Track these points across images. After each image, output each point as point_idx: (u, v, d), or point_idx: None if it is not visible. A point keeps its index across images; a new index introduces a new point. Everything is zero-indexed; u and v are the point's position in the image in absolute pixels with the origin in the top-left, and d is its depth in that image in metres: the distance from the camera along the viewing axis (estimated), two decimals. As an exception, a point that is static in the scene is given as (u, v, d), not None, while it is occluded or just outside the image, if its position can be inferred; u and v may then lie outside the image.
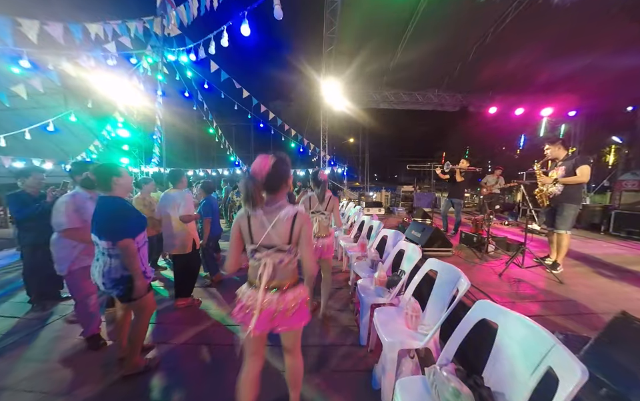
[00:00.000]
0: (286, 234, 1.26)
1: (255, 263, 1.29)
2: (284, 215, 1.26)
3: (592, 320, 1.96)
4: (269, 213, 1.27)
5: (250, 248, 1.29)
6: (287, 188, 1.34)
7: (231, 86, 6.09)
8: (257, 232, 1.27)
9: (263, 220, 1.26)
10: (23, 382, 1.92)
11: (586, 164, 2.90)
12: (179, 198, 2.90)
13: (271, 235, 1.25)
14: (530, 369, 1.03)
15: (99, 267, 1.84)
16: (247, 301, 1.29)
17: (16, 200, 2.82)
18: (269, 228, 1.25)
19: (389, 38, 6.68)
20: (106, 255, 1.82)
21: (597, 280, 2.88)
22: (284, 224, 1.26)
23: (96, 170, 1.87)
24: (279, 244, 1.26)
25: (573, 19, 5.70)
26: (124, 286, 1.85)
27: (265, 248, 1.27)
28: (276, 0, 2.40)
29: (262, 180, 1.25)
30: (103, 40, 3.14)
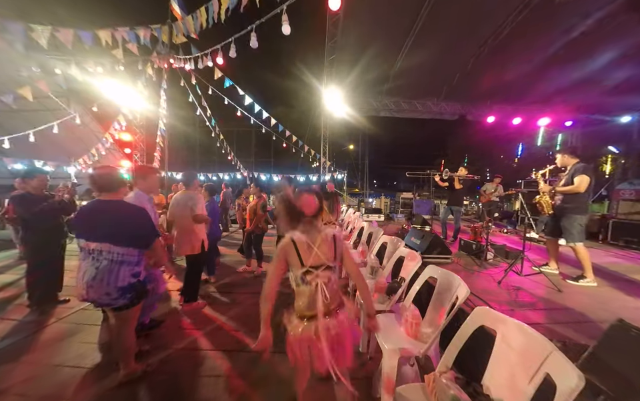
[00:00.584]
0: (331, 252, 1.33)
1: (306, 288, 1.29)
2: (326, 235, 1.34)
3: (590, 328, 1.97)
4: (310, 235, 1.33)
5: (300, 272, 1.30)
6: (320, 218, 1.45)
7: (234, 92, 6.20)
8: (304, 255, 1.30)
9: (308, 242, 1.32)
10: (19, 386, 1.90)
11: (583, 174, 2.91)
12: (193, 200, 2.98)
13: (318, 255, 1.30)
14: (528, 376, 1.05)
15: (100, 278, 1.67)
16: (303, 334, 1.27)
17: (22, 201, 2.84)
18: (315, 249, 1.30)
19: (390, 48, 6.84)
20: (114, 262, 1.69)
21: (595, 288, 2.89)
22: (328, 243, 1.34)
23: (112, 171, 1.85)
24: (326, 262, 1.31)
25: (569, 30, 5.87)
26: (132, 293, 1.76)
27: (314, 268, 1.29)
28: (284, 18, 2.49)
29: (310, 218, 1.35)
30: (109, 46, 3.24)
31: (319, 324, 1.25)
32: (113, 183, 1.80)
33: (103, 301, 1.73)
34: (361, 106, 9.50)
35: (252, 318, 2.87)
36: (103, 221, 1.73)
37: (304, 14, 2.73)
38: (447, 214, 5.48)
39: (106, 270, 1.68)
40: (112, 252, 1.69)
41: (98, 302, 1.74)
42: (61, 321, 2.80)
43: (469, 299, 2.36)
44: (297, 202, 1.34)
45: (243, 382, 1.96)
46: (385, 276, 2.71)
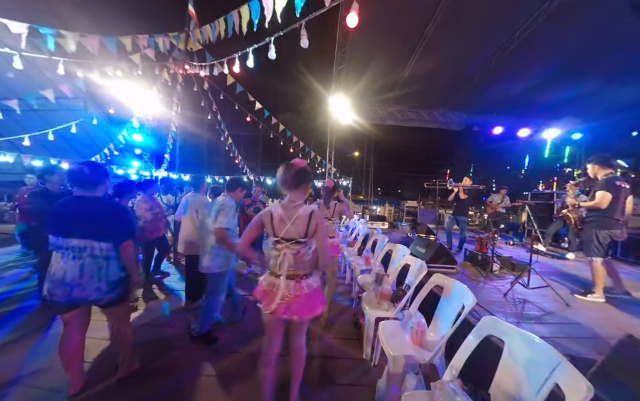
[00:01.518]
0: (303, 229, 1.46)
1: (276, 253, 1.49)
2: (302, 212, 1.47)
3: (598, 343, 1.95)
4: (288, 210, 1.49)
5: (272, 240, 1.50)
6: (305, 191, 1.57)
7: (244, 98, 6.36)
8: (278, 226, 1.47)
9: (283, 216, 1.47)
10: (28, 378, 1.95)
11: (603, 190, 2.82)
12: (200, 202, 3.07)
13: (290, 230, 1.45)
14: (536, 386, 1.06)
15: (88, 273, 1.65)
16: (268, 286, 1.49)
17: (41, 196, 2.95)
18: (288, 224, 1.45)
19: (397, 59, 6.95)
20: (100, 257, 1.69)
21: (604, 304, 2.84)
22: (302, 220, 1.46)
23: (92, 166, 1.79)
24: (297, 237, 1.46)
25: (578, 44, 5.90)
26: (121, 287, 1.77)
27: (285, 240, 1.46)
28: (303, 32, 2.59)
29: (295, 172, 1.50)
30: (130, 52, 3.41)
31: (280, 282, 1.45)
32: (94, 180, 1.73)
33: (91, 297, 1.68)
34: (367, 114, 9.60)
35: (256, 320, 2.89)
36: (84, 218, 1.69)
37: (317, 26, 2.82)
38: (452, 223, 5.46)
39: (93, 265, 1.66)
40: (96, 248, 1.67)
41: (87, 299, 1.68)
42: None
43: (474, 310, 2.35)
44: (290, 164, 1.51)
45: (244, 383, 1.98)
46: (389, 283, 2.72)
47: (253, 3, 2.47)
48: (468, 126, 10.12)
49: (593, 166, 3.04)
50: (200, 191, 3.22)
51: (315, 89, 9.13)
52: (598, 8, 4.93)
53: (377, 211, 11.68)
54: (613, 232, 2.86)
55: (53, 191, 3.02)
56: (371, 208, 12.50)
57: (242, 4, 2.59)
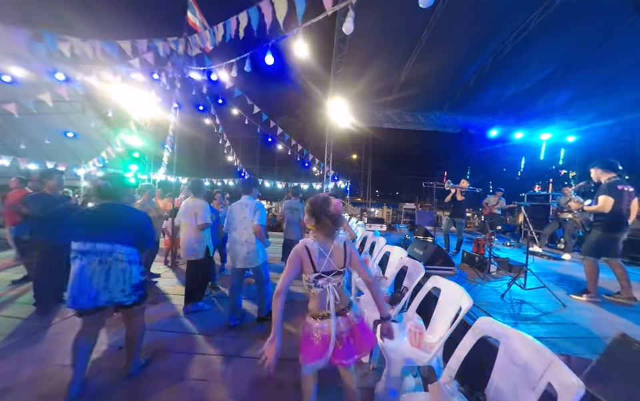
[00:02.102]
0: (341, 259, 1.44)
1: (318, 290, 1.42)
2: (338, 243, 1.46)
3: (594, 343, 1.97)
4: (323, 243, 1.45)
5: (313, 276, 1.41)
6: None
7: (242, 101, 6.40)
8: (317, 261, 1.41)
9: (320, 249, 1.43)
10: (25, 384, 1.92)
11: (606, 195, 2.87)
12: (200, 207, 3.08)
13: (330, 262, 1.42)
14: (530, 385, 1.07)
15: (115, 277, 1.75)
16: (317, 332, 1.39)
17: (37, 200, 2.93)
18: (327, 256, 1.41)
19: (394, 63, 7.05)
20: (125, 262, 1.80)
21: (599, 305, 2.88)
22: (339, 250, 1.45)
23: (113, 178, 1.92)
24: (337, 268, 1.43)
25: (570, 49, 6.03)
26: (143, 290, 1.92)
27: (325, 274, 1.41)
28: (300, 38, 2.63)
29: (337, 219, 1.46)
30: (128, 57, 3.43)
31: (331, 322, 1.36)
32: (118, 190, 1.89)
33: (117, 299, 1.79)
34: (365, 118, 9.69)
35: (254, 325, 2.89)
36: (114, 223, 1.82)
37: (313, 30, 2.86)
38: (450, 225, 5.50)
39: (119, 269, 1.77)
40: (121, 252, 1.79)
41: (113, 301, 1.78)
42: (65, 320, 2.83)
43: (471, 311, 2.37)
44: (327, 204, 1.44)
45: (244, 387, 1.97)
46: (387, 285, 2.73)
47: (252, 10, 2.52)
48: (464, 128, 10.26)
49: (596, 171, 3.09)
50: (199, 196, 3.21)
51: (313, 93, 9.21)
52: (592, 15, 5.05)
53: (375, 213, 11.72)
54: (621, 235, 2.90)
55: (51, 195, 3.00)
56: (369, 211, 12.54)
57: (240, 11, 2.63)
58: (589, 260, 2.97)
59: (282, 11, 2.38)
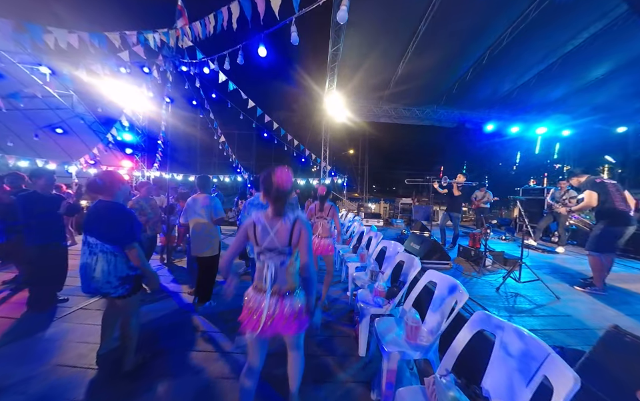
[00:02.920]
0: (285, 238, 1.41)
1: (259, 264, 1.44)
2: (286, 221, 1.42)
3: (587, 334, 2.00)
4: (271, 219, 1.44)
5: (256, 250, 1.45)
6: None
7: (237, 96, 6.28)
8: (260, 236, 1.42)
9: (266, 225, 1.43)
10: (20, 385, 1.89)
11: (587, 190, 3.02)
12: (210, 203, 3.04)
13: (273, 239, 1.41)
14: (526, 378, 1.08)
15: (100, 268, 1.84)
16: (253, 304, 1.42)
17: (28, 200, 2.85)
18: (271, 233, 1.41)
19: (391, 56, 6.97)
20: (109, 253, 1.88)
21: (592, 296, 2.93)
22: (285, 228, 1.42)
23: (103, 176, 1.97)
24: (280, 246, 1.40)
25: (566, 43, 6.02)
26: (130, 284, 1.95)
27: (268, 250, 1.41)
28: (293, 28, 2.56)
29: (284, 192, 1.41)
30: (117, 49, 3.30)
31: (264, 298, 1.38)
32: (107, 187, 1.94)
33: (104, 289, 1.88)
34: (362, 112, 9.62)
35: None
36: (97, 219, 1.92)
37: (309, 22, 2.80)
38: (446, 220, 5.53)
39: (104, 261, 1.86)
40: (95, 244, 1.87)
41: (100, 291, 1.89)
42: (60, 320, 2.80)
43: (467, 305, 2.39)
44: (268, 177, 1.42)
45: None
46: (384, 280, 2.74)
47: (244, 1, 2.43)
48: (461, 123, 10.26)
49: (576, 179, 3.29)
50: (207, 191, 3.18)
51: (309, 87, 9.09)
52: (587, 9, 5.03)
53: (372, 208, 11.74)
54: (627, 229, 2.90)
55: (43, 194, 2.92)
56: (366, 206, 12.56)
57: (232, 1, 2.54)
58: (593, 255, 3.01)
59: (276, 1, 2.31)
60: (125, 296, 1.95)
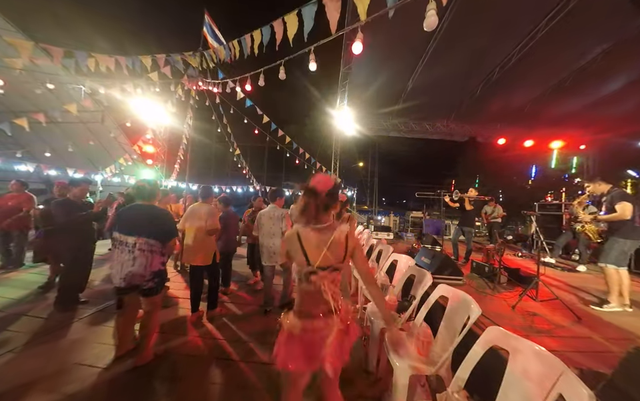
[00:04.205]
0: (341, 253, 1.24)
1: (309, 287, 1.21)
2: (339, 234, 1.23)
3: (608, 357, 1.91)
4: (321, 233, 1.23)
5: (305, 270, 1.21)
6: (334, 210, 1.34)
7: (252, 110, 6.62)
8: (312, 253, 1.21)
9: (317, 240, 1.22)
10: (46, 381, 2.02)
11: (624, 201, 2.91)
12: (208, 212, 3.11)
13: (327, 255, 1.21)
14: (541, 397, 1.07)
15: (138, 264, 2.11)
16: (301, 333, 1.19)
17: (62, 206, 3.11)
18: (325, 250, 1.21)
19: (401, 72, 7.16)
20: (147, 251, 2.14)
21: (615, 317, 2.77)
22: (340, 243, 1.24)
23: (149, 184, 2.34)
24: (335, 263, 1.23)
25: (578, 56, 5.98)
26: (160, 278, 2.23)
27: (321, 269, 1.20)
28: (311, 56, 2.77)
29: (323, 197, 1.23)
30: (149, 71, 3.67)
31: (319, 323, 1.19)
32: (148, 193, 2.30)
33: (135, 282, 2.12)
34: (372, 126, 9.77)
35: (258, 331, 2.93)
36: (141, 220, 2.20)
37: (323, 45, 3.00)
38: (458, 234, 5.43)
39: (143, 257, 2.12)
40: (146, 243, 2.14)
41: (132, 284, 2.12)
42: (81, 321, 2.94)
43: (481, 322, 2.34)
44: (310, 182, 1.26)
45: (246, 392, 2.00)
46: (395, 294, 2.73)
47: (265, 28, 2.67)
48: (472, 137, 10.17)
49: (597, 184, 3.15)
50: (207, 201, 3.27)
51: (320, 102, 9.41)
52: (600, 23, 5.02)
53: (382, 221, 11.63)
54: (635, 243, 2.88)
55: (75, 201, 3.19)
56: (375, 219, 12.47)
57: (254, 29, 2.80)
58: (611, 268, 2.92)
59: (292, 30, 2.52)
60: (155, 291, 2.20)
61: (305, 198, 1.23)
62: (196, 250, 3.07)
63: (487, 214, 6.38)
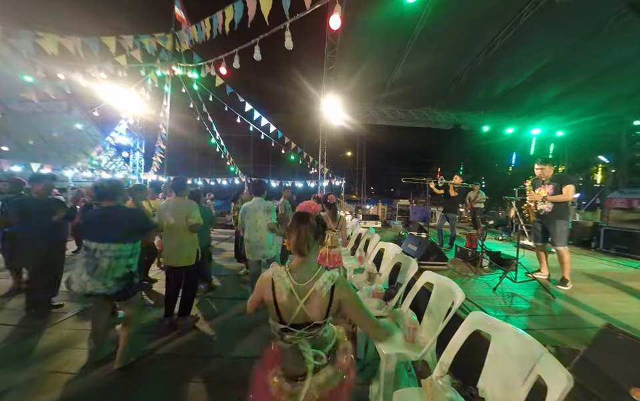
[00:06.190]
0: (323, 309, 0.99)
1: (286, 346, 1.01)
2: (321, 285, 0.99)
3: (582, 333, 2.02)
4: (300, 280, 1.01)
5: (278, 327, 1.00)
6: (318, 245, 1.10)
7: (234, 99, 6.30)
8: (285, 307, 0.98)
9: (293, 289, 0.98)
10: (16, 391, 1.88)
11: (570, 184, 3.12)
12: (187, 207, 2.75)
13: (304, 312, 0.98)
14: (521, 378, 1.08)
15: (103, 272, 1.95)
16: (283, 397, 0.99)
17: (21, 205, 2.83)
18: (301, 304, 0.97)
19: (387, 59, 7.04)
20: (108, 258, 1.97)
21: (587, 295, 2.95)
22: (321, 298, 0.98)
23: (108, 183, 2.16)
24: (314, 320, 0.98)
25: (559, 45, 6.13)
26: (127, 281, 2.05)
27: (296, 328, 0.98)
28: (287, 33, 2.59)
29: (313, 222, 1.06)
30: (115, 54, 3.29)
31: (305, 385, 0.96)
32: (110, 192, 2.10)
33: (99, 290, 1.96)
34: (359, 114, 9.68)
35: (241, 326, 2.87)
36: (103, 224, 2.02)
37: (305, 27, 2.83)
38: (443, 221, 5.56)
39: (103, 263, 1.95)
40: (98, 250, 1.96)
41: (95, 292, 1.96)
42: (55, 326, 2.78)
43: (464, 305, 2.40)
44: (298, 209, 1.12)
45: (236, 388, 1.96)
46: (382, 282, 2.74)
47: (237, 4, 2.46)
48: (456, 125, 10.36)
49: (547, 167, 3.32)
50: (182, 195, 2.88)
51: (306, 89, 9.15)
52: (580, 11, 5.12)
53: (370, 210, 11.77)
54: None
55: (38, 200, 2.90)
56: (363, 208, 12.58)
57: (226, 5, 2.56)
58: (566, 249, 3.14)
59: (266, 5, 2.34)
60: (123, 295, 2.04)
61: (296, 227, 1.05)
62: (176, 251, 2.73)
63: (470, 200, 6.57)
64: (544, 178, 3.33)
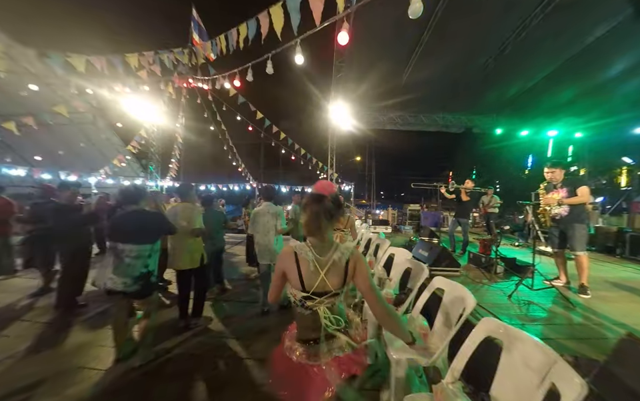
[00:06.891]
0: (341, 276, 1.10)
1: (305, 312, 1.12)
2: (340, 256, 1.10)
3: (602, 344, 1.94)
4: (319, 253, 1.10)
5: (300, 295, 1.10)
6: (333, 226, 1.17)
7: (246, 107, 6.52)
8: (308, 277, 1.09)
9: (315, 262, 1.09)
10: (49, 383, 2.03)
11: (585, 185, 3.00)
12: (190, 212, 2.86)
13: (325, 281, 1.08)
14: (535, 385, 1.08)
15: (123, 271, 2.12)
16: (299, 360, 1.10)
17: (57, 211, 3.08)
18: (322, 274, 1.08)
19: (395, 65, 7.09)
20: (130, 258, 2.12)
21: (609, 304, 2.81)
22: (339, 268, 1.10)
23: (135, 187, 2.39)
24: (332, 289, 1.09)
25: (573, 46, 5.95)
26: (145, 280, 2.19)
27: (317, 295, 1.09)
28: (298, 49, 2.71)
29: (328, 202, 1.12)
30: (137, 69, 3.56)
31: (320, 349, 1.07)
32: (135, 197, 2.28)
33: (118, 288, 2.11)
34: (367, 120, 9.73)
35: (252, 329, 2.93)
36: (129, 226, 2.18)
37: (314, 38, 2.94)
38: (455, 226, 5.45)
39: (126, 263, 2.11)
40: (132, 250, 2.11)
41: (115, 289, 2.12)
42: (80, 324, 2.95)
43: (477, 312, 2.36)
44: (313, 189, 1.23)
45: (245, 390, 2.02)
46: (392, 287, 2.74)
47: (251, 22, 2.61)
48: (468, 128, 10.17)
49: (558, 171, 3.20)
50: (188, 200, 2.96)
51: (315, 97, 9.31)
52: (590, 11, 4.99)
53: (380, 215, 11.66)
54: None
55: (68, 205, 3.15)
56: (373, 213, 12.49)
57: (240, 23, 2.73)
58: (586, 255, 3.03)
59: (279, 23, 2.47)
60: (141, 293, 2.17)
61: (309, 207, 1.12)
62: (180, 254, 2.82)
63: (484, 204, 6.41)
64: (555, 181, 3.22)
